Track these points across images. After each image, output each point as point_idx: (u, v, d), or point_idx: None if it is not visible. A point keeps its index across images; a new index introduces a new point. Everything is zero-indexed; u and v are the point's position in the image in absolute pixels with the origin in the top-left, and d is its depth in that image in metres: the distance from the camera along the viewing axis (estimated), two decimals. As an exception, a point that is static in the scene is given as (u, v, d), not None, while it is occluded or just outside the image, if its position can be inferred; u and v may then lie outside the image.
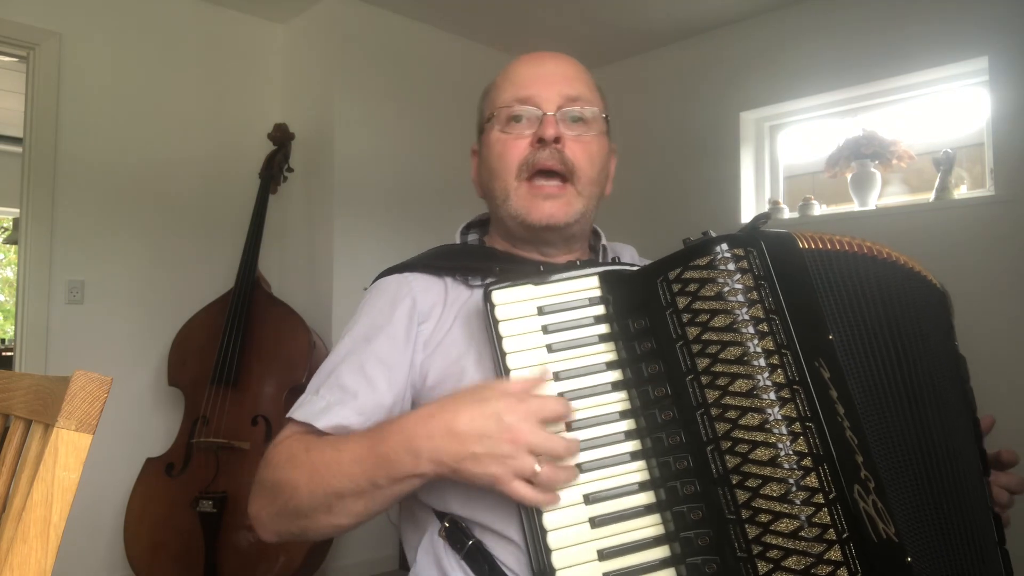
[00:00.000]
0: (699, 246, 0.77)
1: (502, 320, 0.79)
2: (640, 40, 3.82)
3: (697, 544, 0.73)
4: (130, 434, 2.95)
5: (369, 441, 0.77)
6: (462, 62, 3.78)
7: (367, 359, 0.90)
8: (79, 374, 0.67)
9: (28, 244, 2.86)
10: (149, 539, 2.58)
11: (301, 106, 3.50)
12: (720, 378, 0.73)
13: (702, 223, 3.36)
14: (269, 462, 0.85)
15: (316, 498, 0.79)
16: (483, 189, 1.04)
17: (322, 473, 0.79)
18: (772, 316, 0.74)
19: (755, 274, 0.75)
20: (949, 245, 2.78)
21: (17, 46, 2.88)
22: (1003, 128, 2.77)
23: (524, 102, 0.96)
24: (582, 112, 0.96)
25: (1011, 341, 2.66)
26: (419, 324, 0.93)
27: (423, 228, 3.51)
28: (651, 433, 0.77)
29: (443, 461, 0.72)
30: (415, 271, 0.98)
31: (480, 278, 0.95)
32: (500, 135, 0.97)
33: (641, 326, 0.79)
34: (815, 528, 0.69)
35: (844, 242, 0.83)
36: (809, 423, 0.71)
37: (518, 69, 1.00)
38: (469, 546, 0.84)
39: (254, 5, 3.44)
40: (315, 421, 0.86)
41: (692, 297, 0.76)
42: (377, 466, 0.75)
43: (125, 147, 3.09)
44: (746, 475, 0.71)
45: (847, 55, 3.18)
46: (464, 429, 0.72)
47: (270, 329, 2.82)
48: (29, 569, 0.62)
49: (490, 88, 1.03)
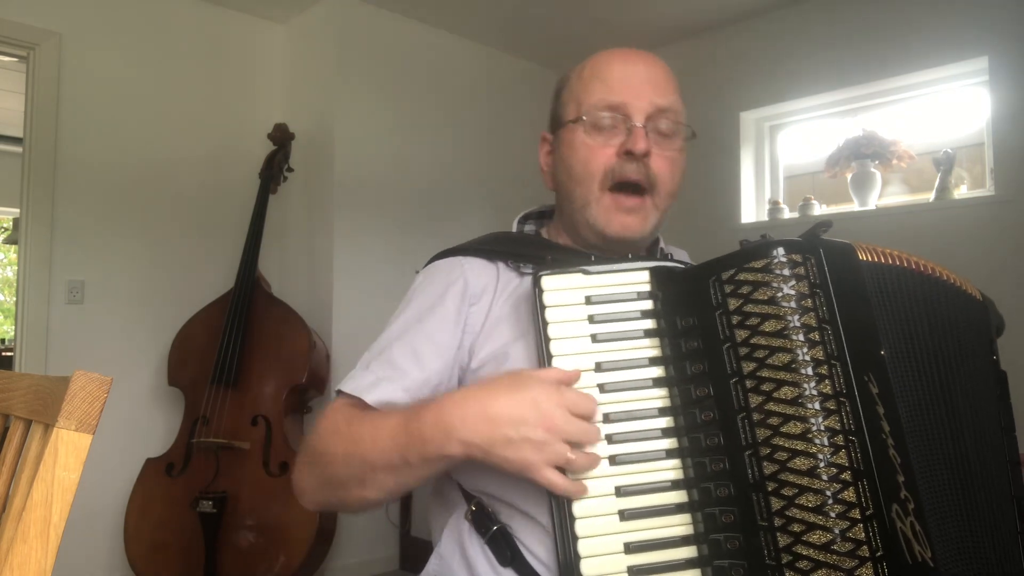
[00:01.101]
0: (756, 248, 0.76)
1: (549, 306, 0.79)
2: (640, 40, 3.81)
3: (726, 547, 0.72)
4: (130, 434, 2.95)
5: (405, 418, 0.78)
6: (462, 62, 3.78)
7: (418, 338, 0.91)
8: (79, 374, 0.67)
9: (28, 244, 2.86)
10: (149, 539, 2.58)
11: (301, 106, 3.50)
12: (765, 383, 0.72)
13: (702, 223, 3.39)
14: (315, 431, 0.87)
15: (351, 469, 0.81)
16: (557, 185, 1.03)
17: (359, 445, 0.80)
18: (825, 325, 0.73)
19: (811, 281, 0.74)
20: (949, 245, 2.77)
21: (17, 46, 2.88)
22: (1003, 128, 2.77)
23: (615, 109, 0.94)
24: (671, 128, 0.95)
25: (1011, 341, 2.66)
26: (470, 306, 0.94)
27: (423, 228, 3.51)
28: (689, 432, 0.76)
29: (474, 443, 0.73)
30: (468, 254, 0.98)
31: (532, 266, 0.94)
32: (586, 140, 0.95)
33: (689, 324, 0.78)
34: (848, 543, 0.68)
35: (901, 257, 0.82)
36: (852, 437, 0.70)
37: (610, 66, 0.96)
38: (494, 531, 0.85)
39: (254, 5, 3.43)
40: (364, 395, 0.86)
41: (744, 299, 0.75)
42: (409, 443, 0.76)
43: (125, 147, 3.09)
44: (783, 483, 0.70)
45: (847, 55, 3.18)
46: (499, 413, 0.72)
47: (270, 329, 2.82)
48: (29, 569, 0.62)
49: (573, 79, 1.00)
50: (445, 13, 3.53)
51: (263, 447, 2.64)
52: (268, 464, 2.61)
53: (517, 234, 1.07)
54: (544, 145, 1.06)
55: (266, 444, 2.64)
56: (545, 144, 1.06)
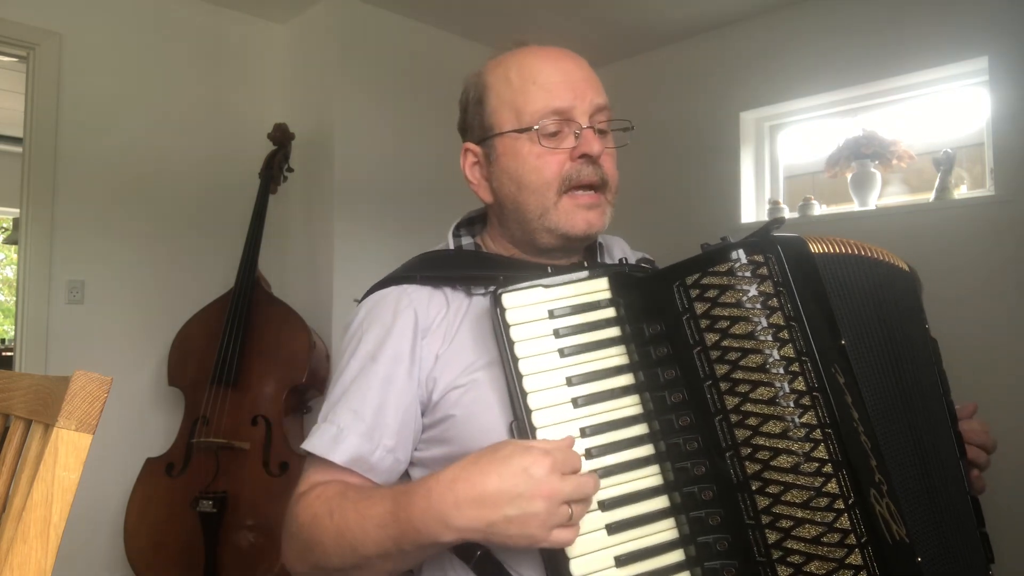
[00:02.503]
0: (718, 252, 0.77)
1: (513, 324, 0.78)
2: (640, 40, 3.82)
3: (716, 548, 0.73)
4: (130, 434, 2.95)
5: (393, 506, 0.75)
6: (462, 62, 3.77)
7: (374, 380, 0.89)
8: (79, 374, 0.67)
9: (28, 244, 2.86)
10: (149, 539, 2.58)
11: (301, 106, 3.50)
12: (740, 385, 0.73)
13: (702, 223, 3.39)
14: (295, 519, 0.84)
15: (345, 559, 0.79)
16: (499, 197, 0.98)
17: (348, 539, 0.78)
18: (792, 323, 0.74)
19: (774, 280, 0.75)
20: (949, 245, 2.77)
21: (17, 46, 2.87)
22: (1003, 128, 2.77)
23: (560, 113, 0.92)
24: (607, 125, 0.96)
25: (1011, 341, 2.66)
26: (422, 339, 0.91)
27: (423, 228, 3.50)
28: (667, 438, 0.77)
29: (474, 528, 0.70)
30: (413, 283, 0.95)
31: (483, 287, 0.93)
32: (533, 148, 0.93)
33: (656, 331, 0.79)
34: (836, 533, 0.69)
35: (845, 243, 0.84)
36: (828, 430, 0.72)
37: (539, 68, 0.94)
38: (478, 556, 0.83)
39: (254, 5, 3.43)
40: (330, 454, 0.85)
41: (711, 303, 0.75)
42: (403, 533, 0.73)
43: (125, 147, 3.09)
44: (767, 481, 0.71)
45: (847, 55, 3.18)
46: (493, 492, 0.68)
47: (270, 329, 2.82)
48: (29, 569, 0.62)
49: (497, 84, 0.97)
50: (445, 13, 3.53)
51: (263, 447, 2.64)
52: (268, 464, 2.61)
53: (456, 252, 1.03)
54: (468, 156, 1.02)
55: (266, 444, 2.64)
56: (470, 155, 1.01)
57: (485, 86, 1.00)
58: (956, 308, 2.67)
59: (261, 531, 2.56)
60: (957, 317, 2.65)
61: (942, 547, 0.78)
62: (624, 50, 3.92)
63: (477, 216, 1.09)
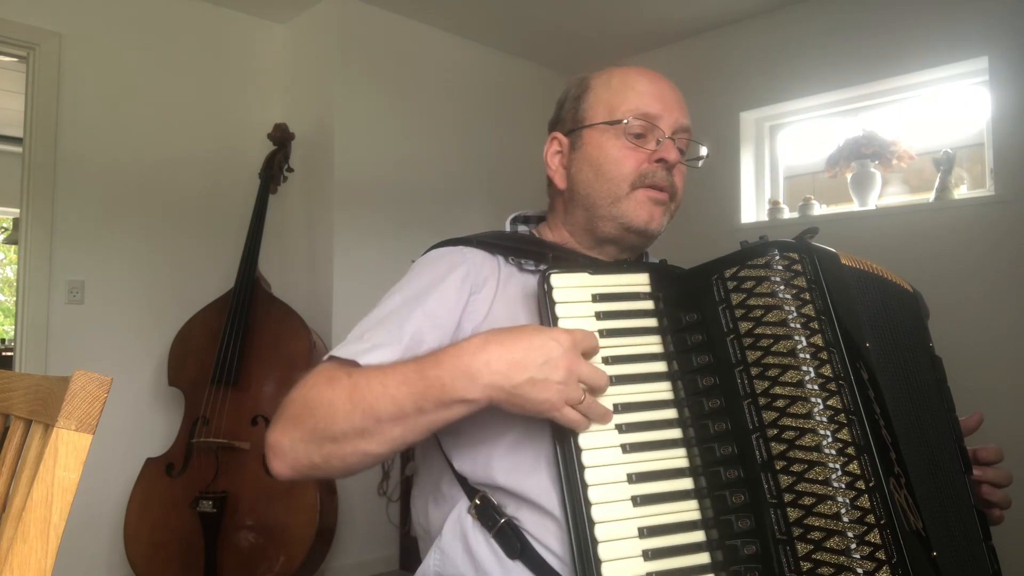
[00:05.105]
0: (757, 248, 0.83)
1: (559, 302, 0.83)
2: (640, 40, 3.82)
3: (737, 527, 0.76)
4: (130, 434, 2.95)
5: (418, 364, 0.77)
6: (462, 62, 3.78)
7: (416, 312, 0.90)
8: (79, 374, 0.67)
9: (28, 244, 2.86)
10: (149, 539, 2.58)
11: (301, 106, 3.51)
12: (771, 369, 0.77)
13: (702, 223, 3.39)
14: (304, 383, 0.83)
15: (353, 419, 0.77)
16: (574, 183, 1.03)
17: (363, 393, 0.77)
18: (821, 316, 0.79)
19: (807, 277, 0.80)
20: (949, 245, 2.78)
21: (17, 46, 2.88)
22: (1003, 128, 2.77)
23: (650, 119, 1.00)
24: (686, 146, 1.04)
25: (1011, 341, 2.66)
26: (473, 293, 0.94)
27: (423, 228, 3.51)
28: (697, 421, 0.81)
29: (500, 385, 0.74)
30: (471, 245, 1.00)
31: (533, 263, 0.98)
32: (618, 142, 1.00)
33: (693, 319, 0.84)
34: (856, 511, 0.72)
35: (863, 263, 0.91)
36: (852, 415, 0.75)
37: (639, 80, 1.03)
38: (501, 524, 0.85)
39: (254, 5, 3.44)
40: (359, 358, 0.83)
41: (747, 294, 0.81)
42: (426, 389, 0.75)
43: (125, 147, 3.09)
44: (791, 460, 0.75)
45: (847, 55, 3.18)
46: (522, 355, 0.74)
47: (270, 329, 2.82)
48: (29, 569, 0.62)
49: (598, 86, 1.05)
50: (445, 13, 3.53)
51: (263, 447, 2.63)
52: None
53: (513, 233, 1.09)
54: (553, 144, 1.08)
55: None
56: (555, 143, 1.07)
57: (587, 87, 1.06)
58: (956, 308, 2.67)
59: (261, 531, 2.56)
60: (957, 317, 2.65)
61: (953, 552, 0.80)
62: (624, 50, 3.92)
63: (532, 216, 1.14)
